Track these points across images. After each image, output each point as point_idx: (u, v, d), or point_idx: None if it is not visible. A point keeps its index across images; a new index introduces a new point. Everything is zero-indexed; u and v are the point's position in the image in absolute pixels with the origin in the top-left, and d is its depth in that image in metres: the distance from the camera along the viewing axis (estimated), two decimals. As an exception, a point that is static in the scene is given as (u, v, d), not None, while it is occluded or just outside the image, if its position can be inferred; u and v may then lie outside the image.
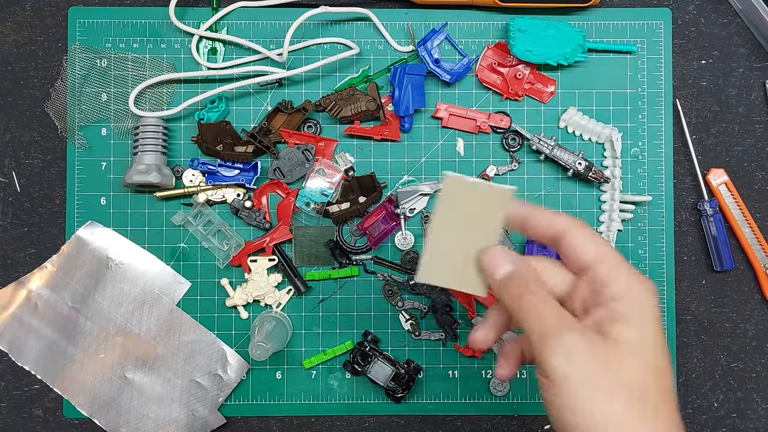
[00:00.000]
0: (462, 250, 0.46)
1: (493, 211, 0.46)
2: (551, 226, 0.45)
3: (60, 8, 0.71)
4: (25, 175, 0.71)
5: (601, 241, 0.44)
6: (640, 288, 0.42)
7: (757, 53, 0.72)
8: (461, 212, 0.46)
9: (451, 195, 0.46)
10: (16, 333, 0.69)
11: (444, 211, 0.46)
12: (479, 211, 0.46)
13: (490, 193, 0.46)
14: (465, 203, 0.46)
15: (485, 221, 0.46)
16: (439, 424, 0.71)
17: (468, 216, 0.46)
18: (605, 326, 0.41)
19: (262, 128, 0.68)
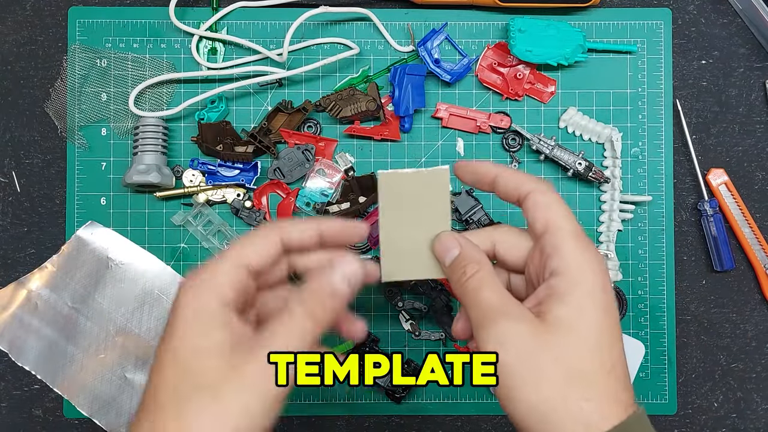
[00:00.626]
0: (418, 239, 0.47)
1: (436, 194, 0.46)
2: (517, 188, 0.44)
3: (60, 8, 0.71)
4: (25, 175, 0.71)
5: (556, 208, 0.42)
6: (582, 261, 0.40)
7: (758, 53, 0.72)
8: (406, 204, 0.46)
9: (390, 191, 0.46)
10: (16, 333, 0.69)
11: (389, 208, 0.46)
12: (423, 198, 0.46)
13: (427, 177, 0.46)
14: (407, 195, 0.46)
15: (432, 205, 0.46)
16: (439, 424, 0.71)
17: (414, 205, 0.46)
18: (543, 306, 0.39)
19: (262, 128, 0.69)
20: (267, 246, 0.44)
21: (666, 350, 0.70)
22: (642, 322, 0.70)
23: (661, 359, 0.70)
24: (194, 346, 0.40)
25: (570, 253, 0.40)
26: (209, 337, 0.40)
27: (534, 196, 0.43)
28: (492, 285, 0.42)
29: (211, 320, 0.40)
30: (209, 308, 0.41)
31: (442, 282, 0.69)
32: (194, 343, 0.40)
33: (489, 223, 0.69)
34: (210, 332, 0.40)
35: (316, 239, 0.46)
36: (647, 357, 0.70)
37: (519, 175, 0.44)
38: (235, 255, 0.43)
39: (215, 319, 0.40)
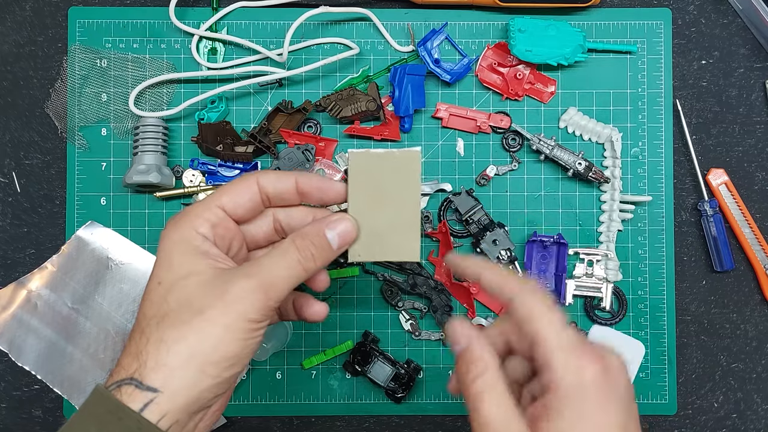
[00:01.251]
0: (386, 220, 0.47)
1: (407, 176, 0.46)
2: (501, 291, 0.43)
3: (60, 8, 0.71)
4: (25, 175, 0.71)
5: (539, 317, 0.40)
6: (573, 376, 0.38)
7: (758, 53, 0.72)
8: (376, 185, 0.46)
9: (360, 170, 0.47)
10: (16, 333, 0.69)
11: (358, 188, 0.47)
12: (394, 179, 0.46)
13: (399, 158, 0.46)
14: (377, 175, 0.46)
15: (403, 187, 0.46)
16: (439, 424, 0.71)
17: (384, 187, 0.46)
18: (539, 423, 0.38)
19: (262, 128, 0.69)
20: (242, 189, 0.46)
21: (666, 350, 0.70)
22: (642, 322, 0.70)
23: (661, 359, 0.70)
24: (175, 271, 0.42)
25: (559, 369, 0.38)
26: (189, 265, 0.42)
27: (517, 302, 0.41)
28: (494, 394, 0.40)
29: (189, 249, 0.43)
30: (186, 239, 0.43)
31: (442, 282, 0.69)
32: (175, 270, 0.42)
33: (489, 223, 0.69)
34: (189, 259, 0.42)
35: (293, 190, 0.47)
36: (647, 357, 0.70)
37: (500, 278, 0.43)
38: (210, 198, 0.46)
39: (194, 248, 0.43)
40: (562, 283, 0.68)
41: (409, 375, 0.68)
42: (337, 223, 0.45)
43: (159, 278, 0.42)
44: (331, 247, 0.45)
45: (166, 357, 0.39)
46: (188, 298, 0.41)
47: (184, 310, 0.40)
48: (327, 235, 0.45)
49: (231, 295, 0.41)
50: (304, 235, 0.44)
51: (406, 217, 0.47)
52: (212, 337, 0.40)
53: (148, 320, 0.41)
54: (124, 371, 0.40)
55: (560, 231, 0.71)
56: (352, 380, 0.70)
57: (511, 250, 0.69)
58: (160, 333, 0.40)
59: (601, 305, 0.69)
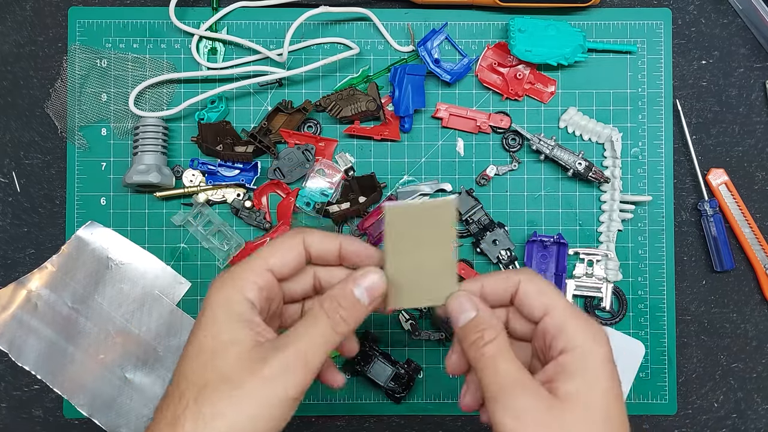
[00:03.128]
0: (424, 267, 0.47)
1: (442, 224, 0.47)
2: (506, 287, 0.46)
3: (60, 8, 0.71)
4: (25, 175, 0.71)
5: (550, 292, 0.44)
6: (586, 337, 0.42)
7: (758, 53, 0.72)
8: (411, 235, 0.47)
9: (396, 224, 0.47)
10: (16, 333, 0.69)
11: (395, 240, 0.47)
12: (428, 229, 0.47)
13: (433, 209, 0.47)
14: (413, 226, 0.47)
15: (437, 236, 0.47)
16: (439, 424, 0.71)
17: (419, 236, 0.47)
18: (554, 383, 0.41)
19: (262, 128, 0.69)
20: (290, 250, 0.46)
21: (666, 350, 0.70)
22: (642, 322, 0.70)
23: (661, 359, 0.70)
24: (217, 340, 0.42)
25: (575, 331, 0.42)
26: (231, 333, 0.42)
27: (523, 284, 0.45)
28: (509, 355, 0.43)
29: (234, 316, 0.43)
30: (232, 305, 0.43)
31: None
32: (217, 338, 0.42)
33: (489, 223, 0.69)
34: (233, 328, 0.42)
35: (336, 253, 0.48)
36: (647, 357, 0.70)
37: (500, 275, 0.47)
38: (259, 258, 0.45)
39: (239, 316, 0.43)
40: (562, 283, 0.68)
41: (409, 375, 0.68)
42: (363, 278, 0.45)
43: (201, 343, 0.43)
44: (361, 303, 0.44)
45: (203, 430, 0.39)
46: (228, 372, 0.41)
47: (223, 382, 0.41)
48: (355, 292, 0.44)
49: (269, 371, 0.41)
50: (332, 297, 0.44)
51: (442, 262, 0.47)
52: (248, 414, 0.40)
53: (188, 385, 0.41)
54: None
55: (560, 231, 0.71)
56: (352, 380, 0.70)
57: (511, 250, 0.69)
58: (199, 405, 0.40)
59: (601, 305, 0.69)
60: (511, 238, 0.69)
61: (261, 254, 0.46)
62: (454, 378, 0.70)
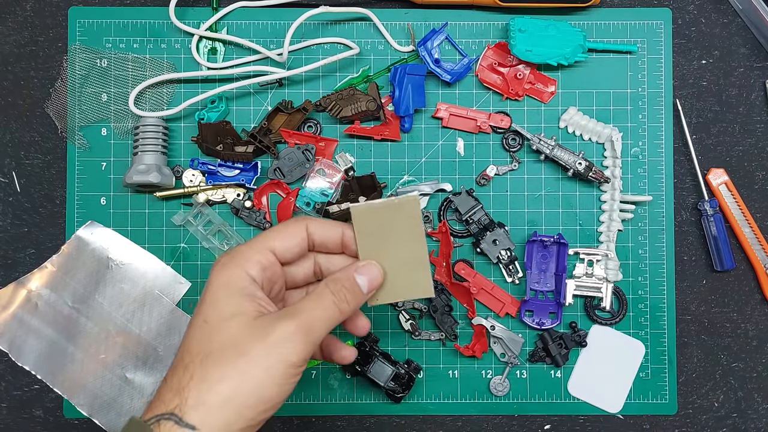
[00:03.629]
0: (398, 263, 0.50)
1: (409, 220, 0.49)
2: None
3: (60, 8, 0.71)
4: (25, 175, 0.71)
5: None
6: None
7: (758, 53, 0.72)
8: (381, 233, 0.50)
9: (364, 223, 0.50)
10: (16, 333, 0.69)
11: (365, 238, 0.50)
12: (397, 226, 0.50)
13: (398, 206, 0.49)
14: (380, 224, 0.50)
15: (406, 231, 0.50)
16: (439, 424, 0.71)
17: (389, 234, 0.50)
18: None
19: (262, 128, 0.69)
20: (292, 233, 0.49)
21: (666, 350, 0.70)
22: (642, 322, 0.70)
23: (662, 359, 0.70)
24: (221, 311, 0.44)
25: None
26: (235, 306, 0.44)
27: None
28: None
29: (237, 291, 0.45)
30: (235, 280, 0.45)
31: (442, 282, 0.69)
32: (221, 309, 0.44)
33: (489, 223, 0.69)
34: (235, 301, 0.44)
35: (338, 241, 0.51)
36: (647, 357, 0.70)
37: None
38: (262, 238, 0.48)
39: (241, 290, 0.45)
40: (562, 283, 0.68)
41: (409, 375, 0.68)
42: (365, 269, 0.49)
43: (204, 316, 0.44)
44: (361, 291, 0.49)
45: (207, 396, 0.41)
46: (232, 339, 0.43)
47: (228, 350, 0.42)
48: (357, 279, 0.48)
49: (273, 337, 0.43)
50: (337, 279, 0.48)
51: (414, 257, 0.50)
52: (253, 379, 0.42)
53: (192, 357, 0.43)
54: (164, 405, 0.41)
55: (560, 231, 0.71)
56: (352, 380, 0.70)
57: (511, 250, 0.69)
58: (204, 371, 0.41)
59: (601, 305, 0.69)
60: (511, 238, 0.69)
61: (265, 236, 0.48)
62: (453, 378, 0.70)
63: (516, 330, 0.70)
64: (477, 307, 0.69)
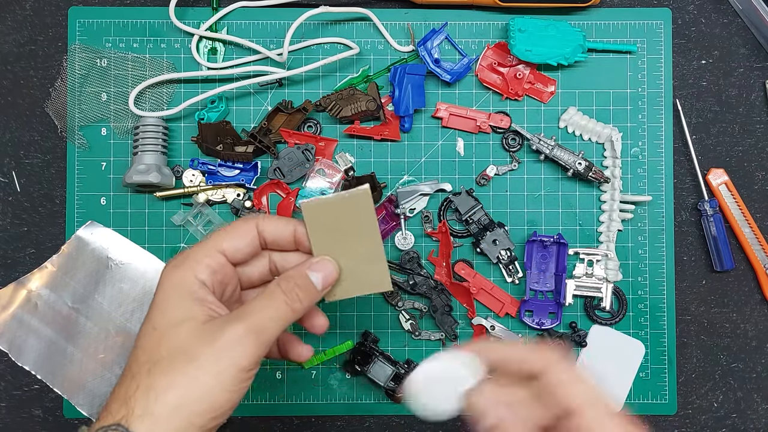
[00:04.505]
0: (353, 258, 0.49)
1: (362, 214, 0.48)
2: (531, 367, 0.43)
3: (60, 8, 0.71)
4: (25, 175, 0.71)
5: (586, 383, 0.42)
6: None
7: (757, 53, 0.72)
8: (334, 228, 0.48)
9: (315, 218, 0.48)
10: (16, 333, 0.69)
11: (318, 234, 0.48)
12: (350, 219, 0.48)
13: (349, 200, 0.48)
14: (333, 219, 0.48)
15: (360, 225, 0.48)
16: (439, 424, 0.71)
17: (342, 227, 0.48)
18: None
19: (262, 128, 0.69)
20: (242, 234, 0.47)
21: (666, 350, 0.70)
22: (642, 322, 0.70)
23: (661, 359, 0.70)
24: (170, 317, 0.43)
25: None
26: (183, 310, 0.43)
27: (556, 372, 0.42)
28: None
29: (186, 295, 0.44)
30: (185, 284, 0.44)
31: (442, 282, 0.69)
32: (170, 315, 0.43)
33: (489, 223, 0.69)
34: (185, 305, 0.43)
35: (291, 238, 0.49)
36: (647, 357, 0.70)
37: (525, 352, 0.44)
38: (211, 241, 0.46)
39: (190, 294, 0.44)
40: (562, 283, 0.68)
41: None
42: (318, 265, 0.47)
43: (153, 323, 0.43)
44: (315, 288, 0.47)
45: (154, 405, 0.40)
46: (181, 345, 0.42)
47: (176, 357, 0.41)
48: (311, 276, 0.46)
49: (222, 341, 0.41)
50: (289, 278, 0.46)
51: (370, 251, 0.49)
52: (202, 385, 0.40)
53: (139, 366, 0.42)
54: (111, 417, 0.40)
55: (560, 231, 0.71)
56: (352, 380, 0.70)
57: (511, 250, 0.69)
58: (151, 380, 0.40)
59: (601, 305, 0.69)
60: (511, 238, 0.69)
61: (214, 237, 0.47)
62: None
63: (516, 330, 0.70)
64: (477, 307, 0.69)
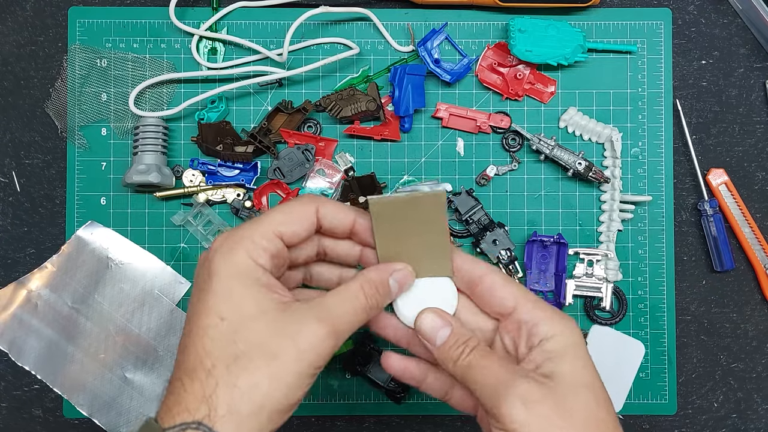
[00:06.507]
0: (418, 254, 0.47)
1: (433, 215, 0.46)
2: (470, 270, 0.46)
3: (60, 8, 0.71)
4: (25, 175, 0.71)
5: (517, 284, 0.46)
6: (566, 325, 0.43)
7: (757, 53, 0.72)
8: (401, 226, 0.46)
9: (383, 218, 0.46)
10: (16, 333, 0.69)
11: (385, 234, 0.46)
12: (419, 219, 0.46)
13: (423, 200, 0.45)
14: (401, 218, 0.46)
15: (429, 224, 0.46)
16: (439, 424, 0.71)
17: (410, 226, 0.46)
18: (545, 367, 0.42)
19: (262, 128, 0.69)
20: (302, 218, 0.44)
21: (666, 350, 0.70)
22: (642, 322, 0.70)
23: (661, 359, 0.70)
24: (240, 307, 0.40)
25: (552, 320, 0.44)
26: (255, 302, 0.40)
27: (491, 276, 0.46)
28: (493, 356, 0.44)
29: (251, 283, 0.41)
30: (247, 271, 0.41)
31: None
32: (239, 305, 0.40)
33: (489, 223, 0.69)
34: (253, 294, 0.40)
35: (349, 228, 0.47)
36: (647, 357, 0.70)
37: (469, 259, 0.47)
38: (268, 222, 0.43)
39: (256, 282, 0.41)
40: (562, 283, 0.68)
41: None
42: (400, 273, 0.46)
43: (221, 314, 0.40)
44: (391, 293, 0.46)
45: (240, 404, 0.38)
46: (260, 340, 0.39)
47: (255, 353, 0.39)
48: (390, 281, 0.46)
49: (304, 342, 0.40)
50: (372, 282, 0.45)
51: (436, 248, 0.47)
52: (285, 385, 0.39)
53: (213, 360, 0.39)
54: (188, 414, 0.38)
55: (560, 231, 0.71)
56: (352, 380, 0.70)
57: (511, 250, 0.69)
58: (232, 377, 0.38)
59: (601, 305, 0.69)
60: (511, 238, 0.69)
61: (272, 219, 0.43)
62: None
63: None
64: (477, 307, 0.69)
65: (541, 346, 0.43)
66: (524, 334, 0.44)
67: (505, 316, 0.45)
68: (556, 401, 0.41)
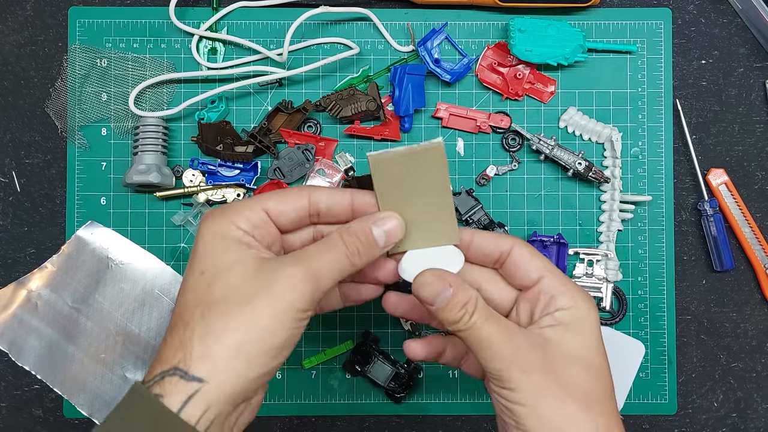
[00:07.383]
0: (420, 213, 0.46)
1: (434, 168, 0.45)
2: (498, 246, 0.47)
3: (60, 8, 0.71)
4: (25, 175, 0.71)
5: (544, 258, 0.47)
6: (583, 301, 0.45)
7: (757, 53, 0.72)
8: (402, 182, 0.45)
9: (382, 172, 0.45)
10: (16, 333, 0.69)
11: (385, 190, 0.46)
12: (420, 174, 0.45)
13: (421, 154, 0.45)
14: (402, 173, 0.45)
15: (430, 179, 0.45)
16: (439, 424, 0.71)
17: (411, 182, 0.45)
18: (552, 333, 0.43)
19: (262, 128, 0.69)
20: (291, 199, 0.45)
21: (666, 350, 0.70)
22: (642, 322, 0.70)
23: (661, 359, 0.70)
24: (219, 260, 0.41)
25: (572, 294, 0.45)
26: (232, 254, 0.41)
27: (519, 249, 0.46)
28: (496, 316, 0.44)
29: (231, 241, 0.42)
30: (228, 232, 0.42)
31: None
32: (218, 258, 0.41)
33: (489, 223, 0.69)
34: (232, 249, 0.42)
35: (348, 207, 0.47)
36: (647, 357, 0.70)
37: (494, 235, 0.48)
38: (256, 198, 0.45)
39: (235, 240, 0.42)
40: (562, 283, 0.68)
41: (409, 375, 0.68)
42: (384, 221, 0.45)
43: (201, 268, 0.41)
44: (377, 244, 0.45)
45: (214, 347, 0.38)
46: (234, 288, 0.40)
47: (230, 299, 0.40)
48: (374, 231, 0.45)
49: (279, 284, 0.40)
50: (352, 231, 0.45)
51: (439, 206, 0.46)
52: (260, 327, 0.39)
53: (191, 311, 0.40)
54: (166, 363, 0.39)
55: (560, 231, 0.71)
56: (352, 380, 0.70)
57: (511, 249, 0.69)
58: (206, 323, 0.39)
59: (601, 305, 0.69)
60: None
61: (260, 197, 0.45)
62: (453, 378, 0.70)
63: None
64: (477, 307, 0.69)
65: (553, 315, 0.44)
66: (542, 303, 0.45)
67: (528, 288, 0.46)
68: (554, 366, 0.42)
